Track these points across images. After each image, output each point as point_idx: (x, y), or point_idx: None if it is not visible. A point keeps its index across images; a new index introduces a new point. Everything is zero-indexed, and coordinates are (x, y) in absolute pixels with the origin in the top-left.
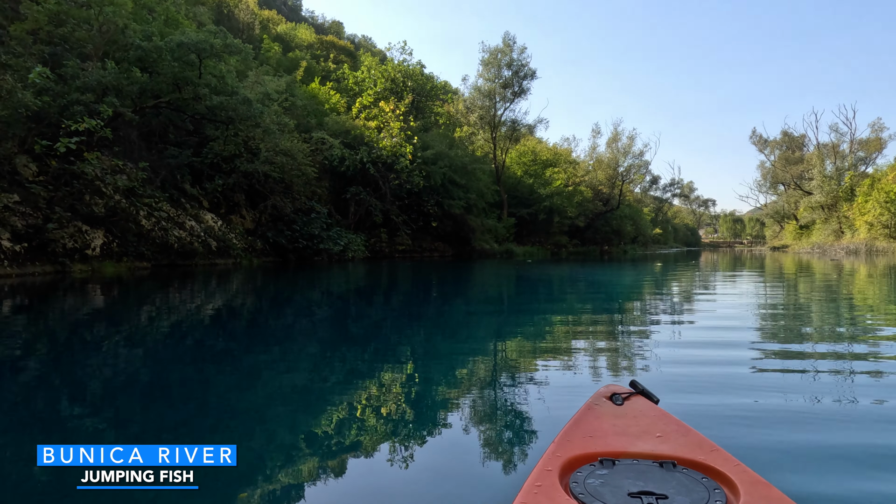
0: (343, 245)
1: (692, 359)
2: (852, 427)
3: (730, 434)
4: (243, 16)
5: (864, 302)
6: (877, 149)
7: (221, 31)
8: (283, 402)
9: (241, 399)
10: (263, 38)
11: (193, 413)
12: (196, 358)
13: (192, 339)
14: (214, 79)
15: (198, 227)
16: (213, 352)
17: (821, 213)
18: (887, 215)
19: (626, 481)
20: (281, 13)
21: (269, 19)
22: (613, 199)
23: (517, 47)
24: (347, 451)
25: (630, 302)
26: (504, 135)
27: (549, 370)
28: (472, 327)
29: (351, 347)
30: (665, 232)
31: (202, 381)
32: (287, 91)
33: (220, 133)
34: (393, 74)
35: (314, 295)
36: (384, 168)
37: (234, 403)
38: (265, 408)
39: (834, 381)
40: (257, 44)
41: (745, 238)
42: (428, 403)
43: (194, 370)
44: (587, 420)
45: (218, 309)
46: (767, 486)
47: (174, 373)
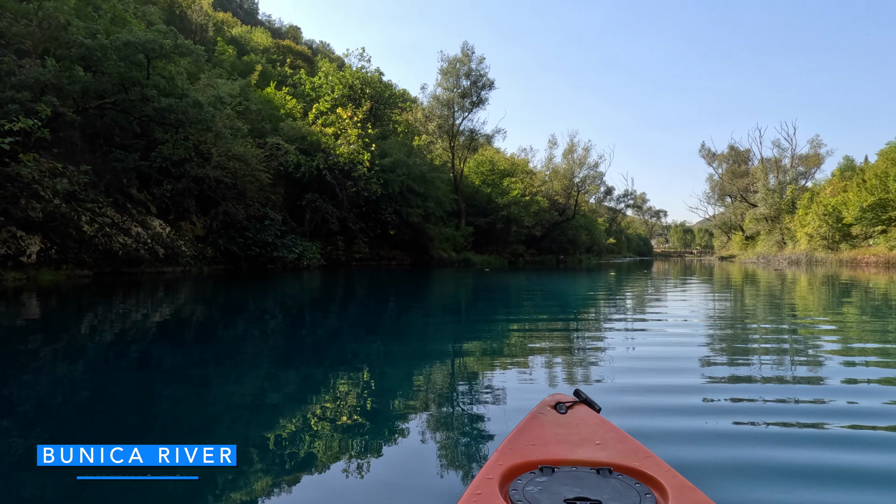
0: (298, 253)
1: (638, 367)
2: (784, 438)
3: (665, 440)
4: (196, 17)
5: (804, 311)
6: (815, 164)
7: (172, 32)
8: (232, 415)
9: (187, 412)
10: (217, 41)
11: (138, 427)
12: (140, 371)
13: (136, 350)
14: (163, 80)
15: (144, 233)
16: (159, 364)
17: (765, 224)
18: (825, 227)
19: (563, 488)
20: (237, 16)
21: (224, 21)
22: (569, 209)
23: (476, 57)
24: (288, 462)
25: (584, 311)
26: (462, 144)
27: (500, 380)
28: (427, 338)
29: (303, 358)
30: (619, 242)
31: (146, 395)
32: (241, 95)
33: (169, 136)
34: (351, 81)
35: (267, 304)
36: (341, 175)
37: (179, 417)
38: (214, 421)
39: (772, 390)
40: (211, 46)
41: (694, 248)
42: (376, 415)
43: (137, 384)
44: (531, 429)
45: (165, 319)
46: (694, 490)
47: (115, 387)
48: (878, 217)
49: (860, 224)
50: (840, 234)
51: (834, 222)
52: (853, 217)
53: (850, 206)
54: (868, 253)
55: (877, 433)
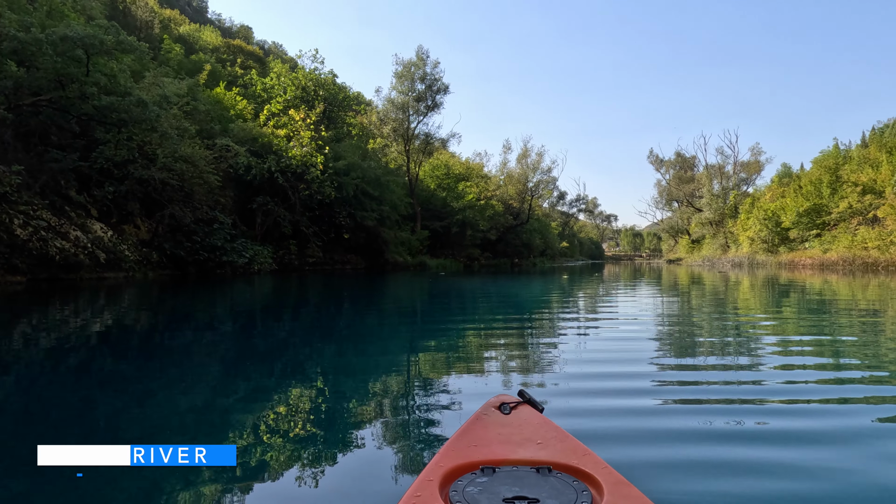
0: (248, 257)
1: (584, 367)
2: (719, 435)
3: (606, 438)
4: (141, 13)
5: (746, 310)
6: (756, 171)
7: (114, 27)
8: (180, 426)
9: (130, 424)
10: (164, 39)
11: (78, 441)
12: (78, 381)
13: (74, 360)
14: (105, 77)
15: (84, 237)
16: (98, 375)
17: (710, 228)
18: (766, 231)
19: (502, 487)
20: (185, 13)
21: (171, 19)
22: (523, 213)
23: (430, 61)
24: (230, 470)
25: (536, 313)
26: (417, 148)
27: (451, 383)
28: (379, 343)
29: (251, 367)
30: (572, 245)
31: (87, 406)
32: (189, 95)
33: (111, 136)
34: (304, 82)
35: (215, 310)
36: (294, 178)
37: (123, 428)
38: (157, 432)
39: (713, 390)
40: (157, 44)
41: (643, 251)
42: (324, 422)
43: (75, 394)
44: (474, 430)
45: (107, 327)
46: (628, 485)
47: (52, 399)
48: (813, 221)
49: (797, 228)
50: (779, 238)
51: (773, 226)
52: (790, 221)
53: (787, 211)
54: (804, 256)
55: (810, 429)
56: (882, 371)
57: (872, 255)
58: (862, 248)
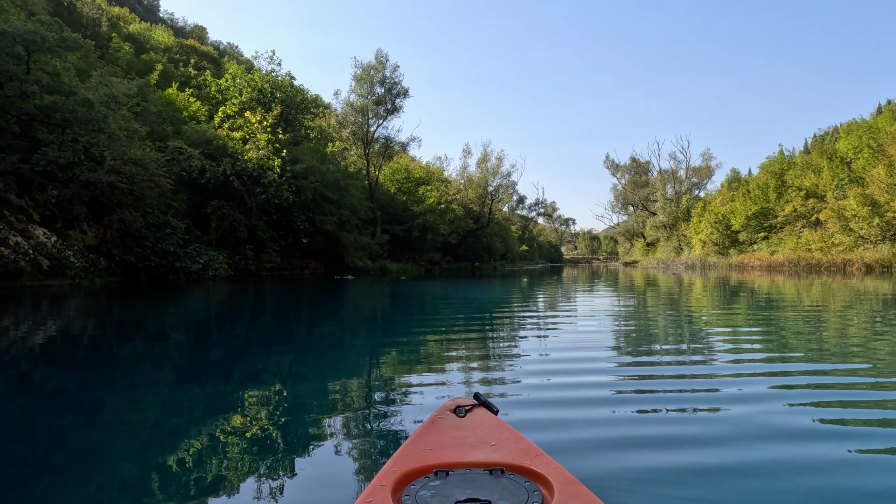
0: (203, 263)
1: (539, 368)
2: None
3: (559, 439)
4: (88, 10)
5: (699, 310)
6: (707, 175)
7: (57, 24)
8: (129, 438)
9: (78, 438)
10: (112, 37)
11: (17, 458)
12: (19, 396)
13: (13, 373)
14: (47, 76)
15: (25, 243)
16: (41, 388)
17: (664, 231)
18: (717, 234)
19: (455, 490)
20: (135, 12)
21: (120, 17)
22: (483, 217)
23: (390, 65)
24: (179, 482)
25: (496, 317)
26: (377, 151)
27: (409, 388)
28: (338, 349)
29: (205, 377)
30: (531, 249)
31: (25, 424)
32: (139, 95)
33: (54, 138)
34: (260, 84)
35: (167, 319)
36: (250, 181)
37: (70, 442)
38: (107, 446)
39: (667, 392)
40: (105, 42)
41: (601, 254)
42: (280, 431)
43: (13, 411)
44: (429, 433)
45: (50, 337)
46: (578, 484)
47: None
48: (761, 224)
49: (746, 231)
50: (729, 241)
51: (723, 229)
52: (740, 224)
53: (737, 214)
54: (753, 257)
55: (758, 430)
56: (824, 363)
57: (815, 256)
58: (806, 249)
